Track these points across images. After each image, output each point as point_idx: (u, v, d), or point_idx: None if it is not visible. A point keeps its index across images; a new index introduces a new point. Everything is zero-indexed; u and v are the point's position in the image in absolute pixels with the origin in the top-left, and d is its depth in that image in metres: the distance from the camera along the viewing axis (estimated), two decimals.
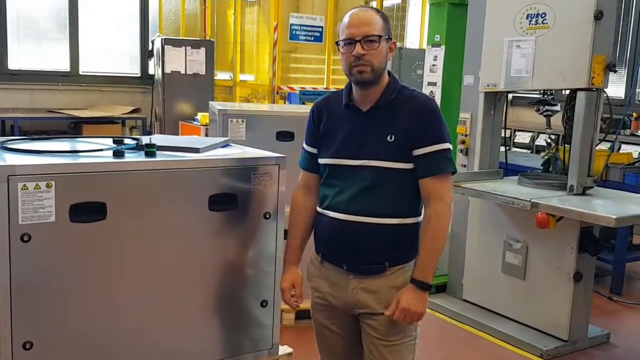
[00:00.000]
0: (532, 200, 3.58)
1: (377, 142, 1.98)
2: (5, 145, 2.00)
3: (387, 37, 2.01)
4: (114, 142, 2.18)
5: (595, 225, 3.71)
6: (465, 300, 4.39)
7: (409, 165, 1.98)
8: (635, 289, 5.19)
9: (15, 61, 8.44)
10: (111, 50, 9.17)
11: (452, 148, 2.01)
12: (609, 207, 3.57)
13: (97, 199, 1.89)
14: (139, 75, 9.30)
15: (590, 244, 3.74)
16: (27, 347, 1.84)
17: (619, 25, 7.60)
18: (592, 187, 3.84)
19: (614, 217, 3.28)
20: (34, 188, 1.78)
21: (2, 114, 7.95)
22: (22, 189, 1.76)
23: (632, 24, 7.39)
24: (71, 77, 8.76)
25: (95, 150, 2.05)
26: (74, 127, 8.33)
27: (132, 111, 8.75)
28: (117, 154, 2.02)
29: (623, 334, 4.21)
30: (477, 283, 4.31)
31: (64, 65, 8.75)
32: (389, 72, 2.05)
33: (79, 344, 1.94)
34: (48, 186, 1.80)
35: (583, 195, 3.76)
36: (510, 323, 4.05)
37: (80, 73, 8.85)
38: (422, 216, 2.04)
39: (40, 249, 1.82)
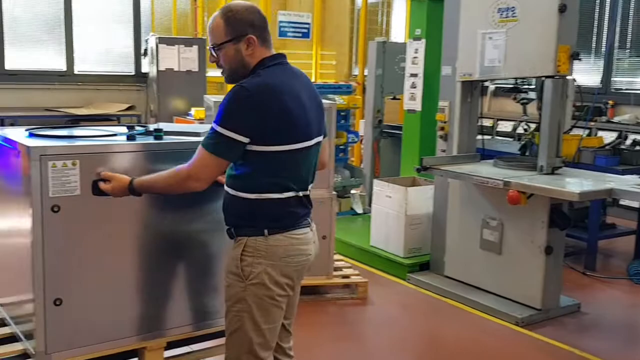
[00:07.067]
0: (504, 179, 3.90)
1: None
2: (34, 133, 2.29)
3: (232, 39, 2.12)
4: (127, 128, 2.47)
5: (563, 201, 4.03)
6: (447, 277, 4.70)
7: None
8: (607, 264, 5.53)
9: (12, 62, 8.67)
10: (105, 49, 9.42)
11: (221, 132, 2.06)
12: (574, 184, 3.89)
13: None
14: (132, 73, 9.55)
15: (559, 219, 4.05)
16: (57, 303, 2.15)
17: (594, 17, 7.94)
18: (561, 167, 4.17)
19: (577, 192, 3.61)
20: (62, 166, 2.08)
21: (1, 113, 8.18)
22: (52, 167, 2.06)
23: (606, 15, 7.71)
24: (67, 77, 9.01)
25: (112, 135, 2.34)
26: (71, 125, 8.57)
27: (127, 108, 9.01)
28: (130, 137, 2.32)
29: (593, 304, 4.53)
30: (457, 260, 4.63)
31: (59, 65, 9.00)
32: (267, 67, 2.15)
33: (97, 300, 2.25)
34: (73, 164, 2.10)
35: (552, 175, 4.08)
36: (489, 295, 4.37)
37: (76, 72, 9.09)
38: (260, 194, 2.13)
39: (67, 219, 2.13)
